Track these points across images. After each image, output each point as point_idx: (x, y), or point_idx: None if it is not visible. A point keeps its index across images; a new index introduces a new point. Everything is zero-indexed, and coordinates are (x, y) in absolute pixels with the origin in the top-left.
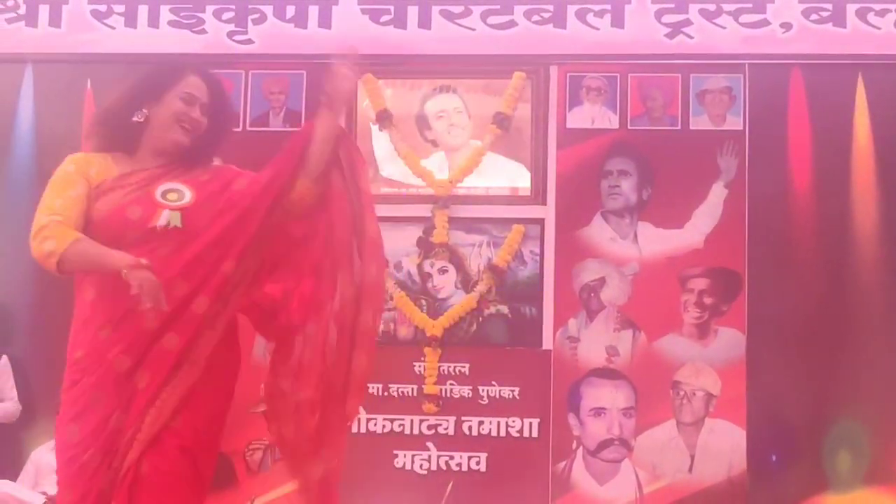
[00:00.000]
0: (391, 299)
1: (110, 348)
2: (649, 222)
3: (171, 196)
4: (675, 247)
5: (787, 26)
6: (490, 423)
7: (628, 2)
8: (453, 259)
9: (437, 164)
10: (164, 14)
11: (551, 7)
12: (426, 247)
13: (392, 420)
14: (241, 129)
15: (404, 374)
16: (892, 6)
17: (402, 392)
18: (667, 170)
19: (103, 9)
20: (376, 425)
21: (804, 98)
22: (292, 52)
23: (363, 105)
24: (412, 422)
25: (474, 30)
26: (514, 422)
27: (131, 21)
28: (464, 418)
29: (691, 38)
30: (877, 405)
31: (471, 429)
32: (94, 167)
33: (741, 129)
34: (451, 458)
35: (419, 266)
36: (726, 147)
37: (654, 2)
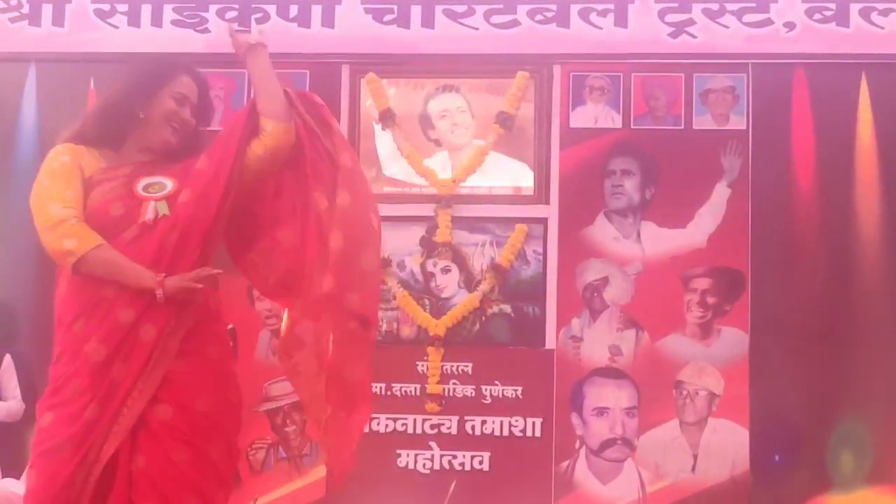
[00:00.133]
0: (394, 298)
1: (85, 340)
2: (652, 222)
3: (153, 188)
4: (679, 246)
5: (790, 26)
6: (493, 422)
7: (631, 1)
8: (456, 258)
9: (441, 163)
10: (168, 13)
11: (554, 6)
12: (429, 246)
13: (395, 419)
14: None
15: (407, 374)
16: None
17: (405, 391)
18: (670, 169)
19: (106, 8)
20: (379, 424)
21: (807, 97)
22: (295, 52)
23: (366, 104)
24: (415, 421)
25: (477, 29)
26: (517, 421)
27: (134, 20)
28: (467, 418)
29: (694, 37)
30: (881, 405)
31: (474, 428)
32: (85, 159)
33: (744, 128)
34: (454, 457)
35: (422, 265)
36: (730, 146)
37: (657, 1)
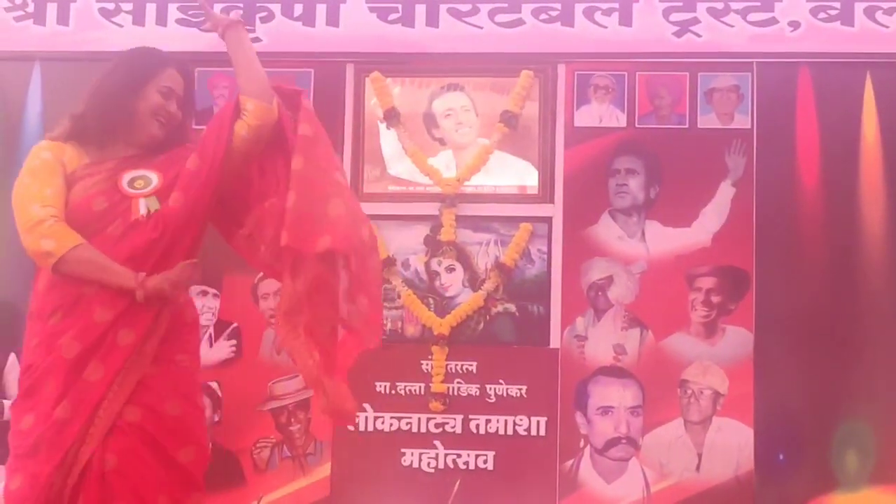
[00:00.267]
0: (398, 297)
1: (61, 334)
2: (657, 221)
3: (139, 183)
4: (683, 245)
5: (795, 25)
6: (497, 421)
7: (636, 0)
8: (461, 257)
9: (445, 162)
10: (172, 12)
11: (559, 5)
12: (433, 245)
13: (399, 418)
14: None
15: (411, 373)
16: None
17: (410, 390)
18: (674, 168)
19: (111, 7)
20: (384, 423)
21: (812, 96)
22: (300, 51)
23: (371, 103)
24: (419, 420)
25: (482, 28)
26: (521, 420)
27: (139, 19)
28: (471, 417)
29: (699, 36)
30: (885, 404)
31: (478, 427)
32: (67, 155)
33: (749, 127)
34: (459, 456)
35: (426, 264)
36: (734, 145)
37: (661, 0)
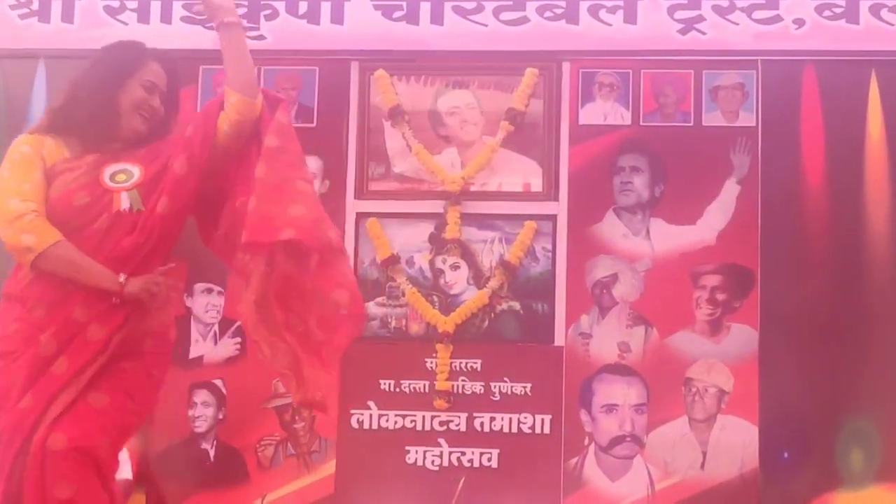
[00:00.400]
0: (403, 295)
1: (42, 329)
2: (661, 219)
3: (120, 177)
4: (688, 243)
5: (799, 22)
6: (502, 419)
7: None
8: (465, 255)
9: (450, 160)
10: (177, 10)
11: (563, 3)
12: (438, 243)
13: (404, 416)
14: None
15: (416, 371)
16: None
17: (414, 388)
18: (679, 166)
19: (116, 4)
20: (388, 421)
21: (817, 94)
22: (304, 48)
23: (375, 101)
24: (424, 418)
25: (487, 26)
26: (525, 418)
27: (144, 17)
28: (475, 414)
29: (704, 34)
30: (891, 402)
31: (482, 425)
32: (46, 148)
33: (754, 125)
34: (463, 454)
35: (431, 262)
36: (739, 143)
37: None
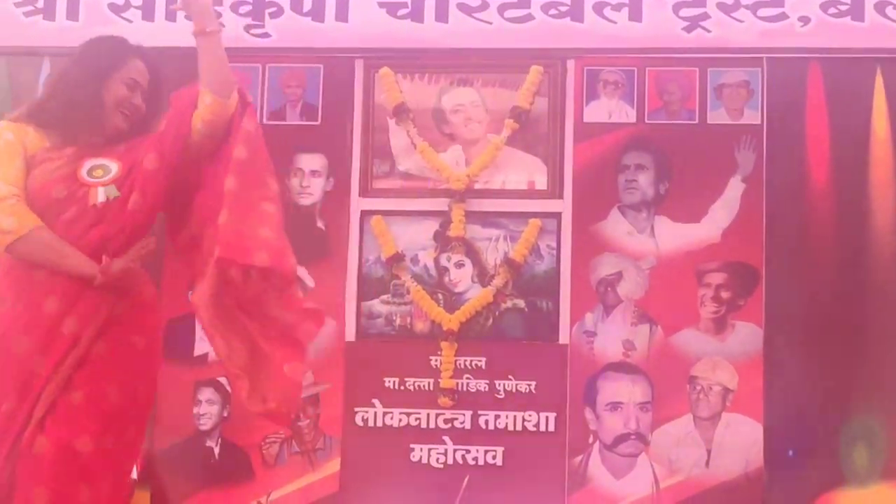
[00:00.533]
0: (407, 293)
1: (11, 323)
2: (666, 216)
3: (98, 172)
4: (692, 241)
5: (805, 20)
6: (506, 417)
7: None
8: (470, 253)
9: (454, 158)
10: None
11: (568, 0)
12: (443, 241)
13: (408, 414)
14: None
15: (420, 368)
16: None
17: (419, 386)
18: (684, 164)
19: (121, 2)
20: (392, 419)
21: (822, 92)
22: (309, 46)
23: (380, 99)
24: (428, 416)
25: (491, 24)
26: (530, 416)
27: (149, 14)
28: (480, 412)
29: (709, 31)
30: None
31: (487, 423)
32: (28, 137)
33: (759, 123)
34: (468, 451)
35: (436, 260)
36: (744, 141)
37: None
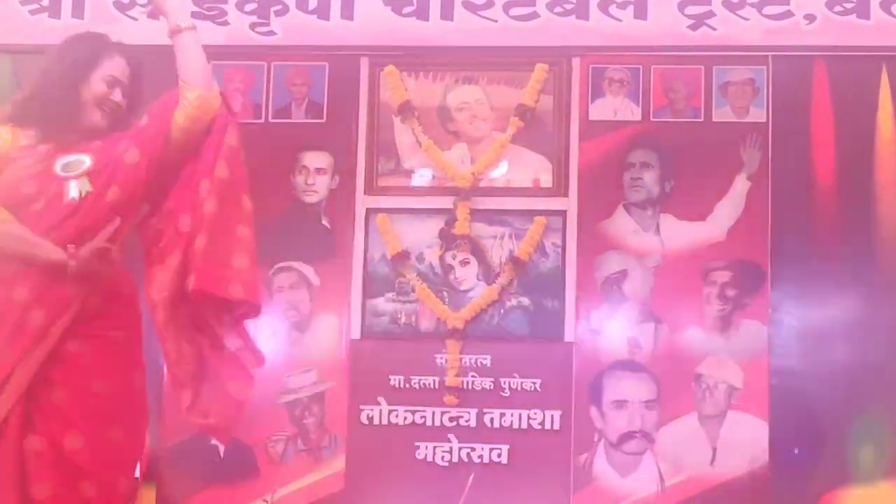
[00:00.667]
0: (412, 291)
1: None
2: (671, 214)
3: (72, 167)
4: (698, 239)
5: (810, 18)
6: (511, 415)
7: None
8: (475, 251)
9: (459, 155)
10: (187, 5)
11: None
12: (448, 238)
13: (414, 412)
14: (263, 120)
15: (426, 366)
16: None
17: (424, 384)
18: (689, 162)
19: (126, 0)
20: (398, 417)
21: (828, 90)
22: (315, 44)
23: (385, 97)
24: (434, 414)
25: (496, 21)
26: (535, 414)
27: (154, 12)
28: (485, 410)
29: (714, 29)
30: None
31: (492, 421)
32: (2, 136)
33: (764, 121)
34: (473, 449)
35: (441, 258)
36: (749, 139)
37: None
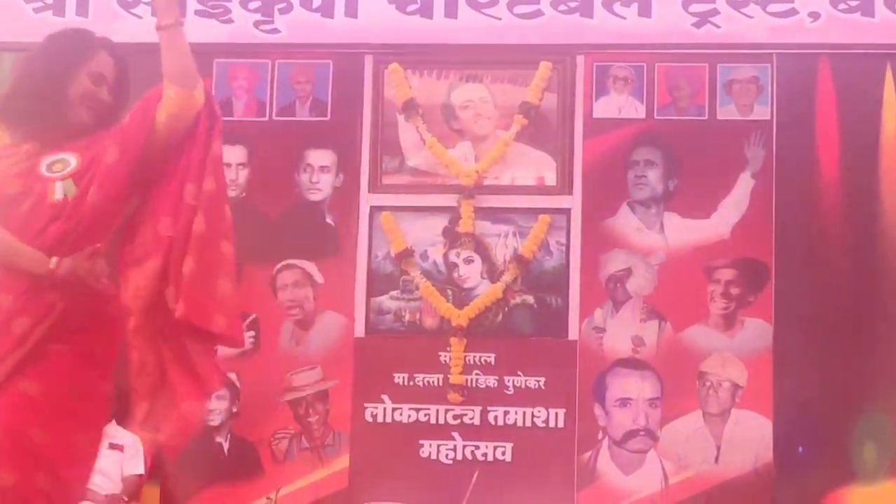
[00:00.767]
0: (417, 289)
1: None
2: (676, 212)
3: (57, 167)
4: (702, 237)
5: (814, 15)
6: (515, 413)
7: None
8: (479, 249)
9: (464, 153)
10: (192, 3)
11: None
12: (452, 237)
13: (418, 410)
14: (267, 118)
15: (430, 364)
16: None
17: (428, 382)
18: (693, 160)
19: None
20: (402, 415)
21: (832, 87)
22: (319, 42)
23: (389, 95)
24: (438, 411)
25: (501, 19)
26: (539, 412)
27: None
28: (489, 408)
29: (718, 27)
30: None
31: (496, 419)
32: None
33: (768, 118)
34: (477, 447)
35: (445, 256)
36: (753, 137)
37: None
